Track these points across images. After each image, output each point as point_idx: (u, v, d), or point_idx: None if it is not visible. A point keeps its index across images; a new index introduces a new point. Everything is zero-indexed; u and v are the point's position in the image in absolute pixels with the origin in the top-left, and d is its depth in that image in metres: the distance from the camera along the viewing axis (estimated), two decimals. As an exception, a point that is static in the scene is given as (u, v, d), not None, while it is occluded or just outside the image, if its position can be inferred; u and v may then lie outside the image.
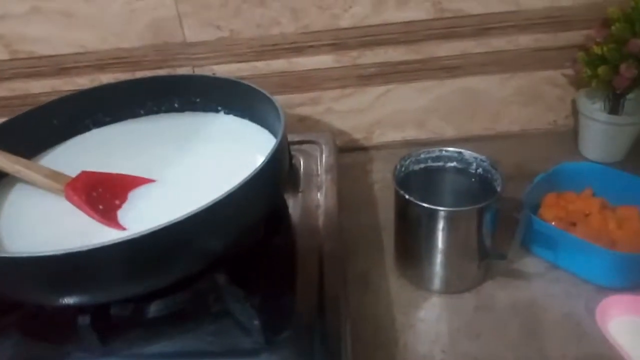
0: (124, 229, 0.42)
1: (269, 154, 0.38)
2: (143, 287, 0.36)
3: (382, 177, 0.74)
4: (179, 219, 0.33)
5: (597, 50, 0.65)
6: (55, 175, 0.46)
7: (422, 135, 0.80)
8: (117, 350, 0.38)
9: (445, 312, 0.54)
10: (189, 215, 0.33)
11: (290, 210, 0.51)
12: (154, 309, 0.40)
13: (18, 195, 0.48)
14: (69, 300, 0.34)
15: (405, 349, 0.50)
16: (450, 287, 0.55)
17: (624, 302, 0.50)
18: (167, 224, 0.33)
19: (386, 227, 0.64)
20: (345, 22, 0.70)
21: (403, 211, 0.54)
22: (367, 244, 0.63)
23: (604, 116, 0.69)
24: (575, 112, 0.75)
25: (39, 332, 0.40)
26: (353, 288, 0.56)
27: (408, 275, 0.57)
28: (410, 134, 0.80)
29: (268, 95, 0.47)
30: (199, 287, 0.40)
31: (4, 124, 0.51)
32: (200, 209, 0.34)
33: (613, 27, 0.63)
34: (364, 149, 0.81)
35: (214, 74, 0.73)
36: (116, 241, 0.32)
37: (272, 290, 0.39)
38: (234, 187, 0.36)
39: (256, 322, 0.36)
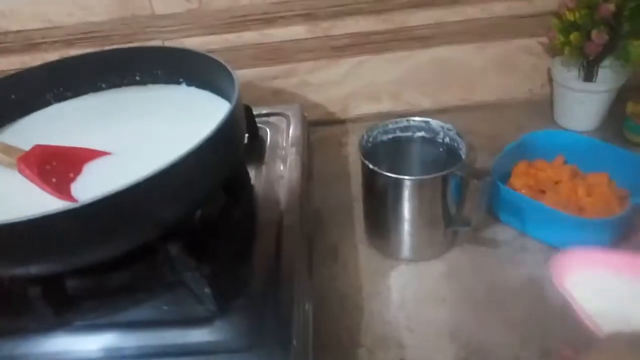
0: (76, 201, 0.42)
1: (220, 121, 0.38)
2: (94, 257, 0.36)
3: (356, 149, 0.74)
4: (125, 186, 0.33)
5: (569, 16, 0.64)
6: (7, 149, 0.45)
7: (397, 107, 0.79)
8: (71, 321, 0.38)
9: (412, 279, 0.54)
10: (135, 182, 0.33)
11: (253, 181, 0.51)
12: (108, 280, 0.41)
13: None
14: (18, 270, 0.34)
15: (370, 315, 0.51)
16: (418, 255, 0.56)
17: (580, 257, 0.51)
18: (112, 192, 0.33)
19: (358, 199, 0.64)
20: (315, -9, 0.69)
21: (370, 181, 0.54)
22: (338, 216, 0.63)
23: (578, 84, 0.68)
24: (550, 80, 0.74)
25: (-5, 306, 0.40)
26: (323, 260, 0.57)
27: (377, 244, 0.58)
28: (386, 106, 0.79)
29: (223, 63, 0.46)
30: (153, 258, 0.40)
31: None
32: (148, 176, 0.34)
33: (585, -8, 0.62)
34: (339, 121, 0.80)
35: (183, 46, 0.72)
36: (63, 209, 0.32)
37: (227, 260, 0.39)
38: (182, 154, 0.35)
39: (207, 290, 0.36)
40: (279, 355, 0.34)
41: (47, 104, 0.55)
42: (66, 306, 0.38)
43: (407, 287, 0.53)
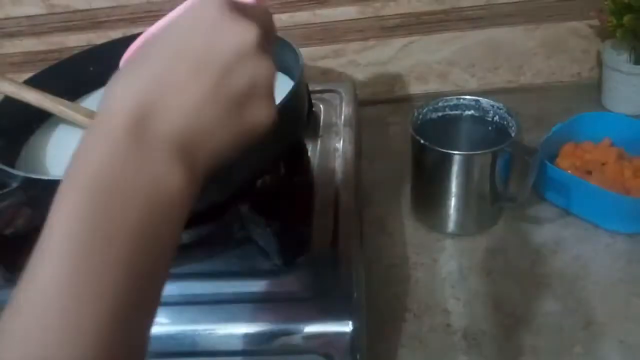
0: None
1: (287, 94, 0.41)
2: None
3: (402, 129, 0.76)
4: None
5: (624, -2, 0.64)
6: (92, 114, 0.50)
7: (444, 88, 0.80)
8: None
9: (457, 252, 0.56)
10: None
11: (310, 153, 0.54)
12: (184, 237, 0.44)
13: (61, 135, 0.53)
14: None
15: (416, 284, 0.53)
16: (463, 230, 0.58)
17: None
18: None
19: (404, 176, 0.66)
20: (368, -28, 0.70)
21: (419, 156, 0.57)
22: (384, 191, 0.65)
23: (628, 67, 0.68)
24: (599, 64, 0.74)
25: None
26: (369, 231, 0.59)
27: (423, 218, 0.60)
28: (433, 86, 0.81)
29: (289, 41, 0.49)
30: (223, 218, 0.43)
31: (47, 70, 0.55)
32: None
33: (641, -26, 0.62)
34: (386, 101, 0.82)
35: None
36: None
37: (291, 221, 0.43)
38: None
39: (275, 246, 0.39)
40: (342, 304, 0.37)
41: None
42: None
43: (452, 259, 0.56)
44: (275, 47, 0.29)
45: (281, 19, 0.75)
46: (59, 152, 0.50)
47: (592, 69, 0.77)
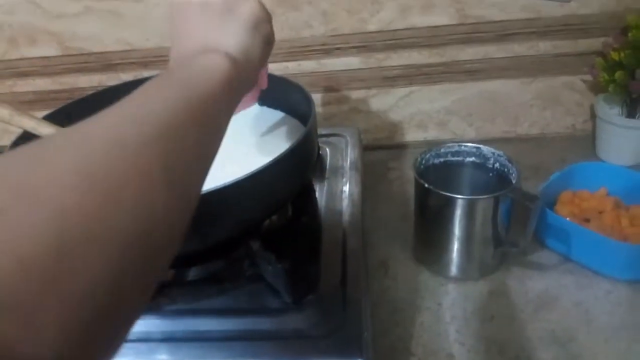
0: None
1: (300, 136, 0.43)
2: (188, 248, 0.40)
3: (403, 174, 0.78)
4: (219, 186, 0.37)
5: (614, 56, 0.68)
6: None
7: (443, 135, 0.83)
8: (162, 305, 0.42)
9: (461, 297, 0.57)
10: (228, 183, 0.38)
11: (317, 194, 0.55)
12: (194, 273, 0.45)
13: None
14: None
15: (422, 327, 0.53)
16: (466, 274, 0.58)
17: None
18: (210, 189, 0.37)
19: (405, 219, 0.67)
20: (372, 26, 0.74)
21: (422, 200, 0.58)
22: (387, 234, 0.66)
23: (621, 120, 0.71)
24: (593, 116, 0.77)
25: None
26: (373, 274, 0.60)
27: (426, 262, 0.61)
28: (432, 134, 0.83)
29: (303, 87, 0.52)
30: (235, 254, 0.44)
31: (57, 111, 0.57)
32: (237, 179, 0.38)
33: (630, 34, 0.66)
34: (387, 147, 0.85)
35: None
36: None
37: (300, 259, 0.43)
38: (268, 162, 0.40)
39: (284, 284, 0.40)
40: (352, 343, 0.37)
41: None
42: (157, 292, 0.42)
43: (456, 304, 0.56)
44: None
45: (288, 67, 0.78)
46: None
47: (585, 121, 0.81)
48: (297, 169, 0.44)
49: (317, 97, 0.81)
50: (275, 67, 0.78)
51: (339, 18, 0.74)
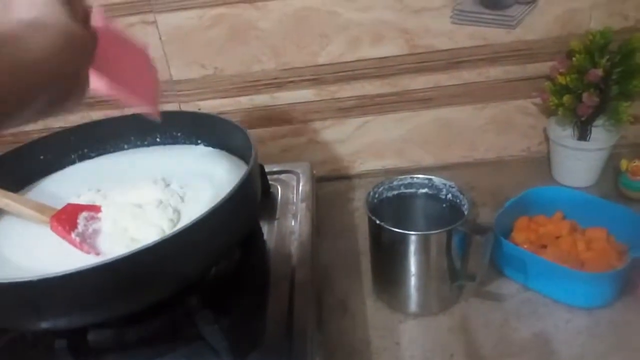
0: (102, 255, 0.44)
1: (237, 183, 0.41)
2: (117, 311, 0.38)
3: (362, 204, 0.77)
4: (148, 245, 0.35)
5: (561, 80, 0.69)
6: (41, 208, 0.48)
7: (401, 163, 0.82)
8: (93, 374, 0.39)
9: (420, 334, 0.55)
10: (159, 240, 0.36)
11: (266, 236, 0.53)
12: (129, 335, 0.42)
13: (4, 226, 0.51)
14: (45, 324, 0.36)
15: (379, 371, 0.51)
16: (425, 309, 0.57)
17: None
18: (138, 248, 0.35)
19: (365, 253, 0.66)
20: (322, 59, 0.74)
21: (376, 236, 0.57)
22: (346, 270, 0.64)
23: (573, 142, 0.72)
24: (547, 139, 0.78)
25: (20, 358, 0.42)
26: (332, 313, 0.58)
27: (384, 298, 0.59)
28: (390, 162, 0.83)
29: (240, 127, 0.50)
30: (173, 312, 0.42)
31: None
32: (170, 234, 0.36)
33: (574, 58, 0.67)
34: (346, 177, 0.84)
35: (199, 109, 0.77)
36: (93, 265, 0.35)
37: (243, 313, 0.41)
38: (204, 213, 0.38)
39: (224, 343, 0.37)
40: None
41: (71, 162, 0.59)
42: (88, 359, 0.40)
43: (415, 341, 0.54)
44: None
45: (240, 102, 0.77)
46: (1, 246, 0.48)
47: (540, 143, 0.81)
48: (237, 216, 0.43)
49: (273, 131, 0.80)
50: (227, 103, 0.77)
51: (289, 52, 0.73)
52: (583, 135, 0.72)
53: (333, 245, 0.68)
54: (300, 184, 0.63)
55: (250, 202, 0.46)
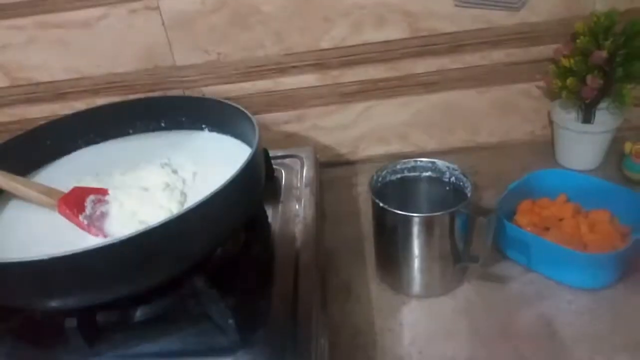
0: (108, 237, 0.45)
1: (241, 166, 0.41)
2: (125, 291, 0.39)
3: (366, 189, 0.77)
4: (154, 225, 0.36)
5: (565, 62, 0.68)
6: (49, 191, 0.49)
7: (405, 148, 0.83)
8: (103, 351, 0.40)
9: (423, 315, 0.56)
10: (165, 220, 0.36)
11: (270, 219, 0.53)
12: (138, 314, 0.43)
13: (11, 211, 0.51)
14: (55, 303, 0.37)
15: (382, 351, 0.52)
16: (428, 291, 0.58)
17: None
18: (144, 229, 0.36)
19: (369, 237, 0.66)
20: (325, 44, 0.73)
21: (380, 219, 0.57)
22: (350, 254, 0.65)
23: (577, 125, 0.72)
24: (551, 122, 0.78)
25: (32, 338, 0.43)
26: (336, 295, 0.59)
27: (388, 281, 0.60)
28: (394, 147, 0.83)
29: (245, 111, 0.50)
30: (180, 292, 0.42)
31: (2, 144, 0.55)
32: (176, 215, 0.37)
33: (578, 41, 0.66)
34: (349, 163, 0.84)
35: (203, 94, 0.77)
36: (100, 245, 0.35)
37: (249, 293, 0.42)
38: (209, 194, 0.39)
39: (230, 322, 0.38)
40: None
41: (78, 147, 0.60)
42: (98, 338, 0.41)
43: (418, 323, 0.55)
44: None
45: (243, 87, 0.77)
46: (9, 230, 0.49)
47: (544, 127, 0.81)
48: (242, 198, 0.43)
49: (276, 116, 0.80)
50: (231, 88, 0.77)
51: (292, 37, 0.73)
52: (587, 118, 0.71)
53: (337, 229, 0.69)
54: (304, 169, 0.64)
55: (254, 184, 0.46)
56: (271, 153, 0.62)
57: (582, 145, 0.73)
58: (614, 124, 0.70)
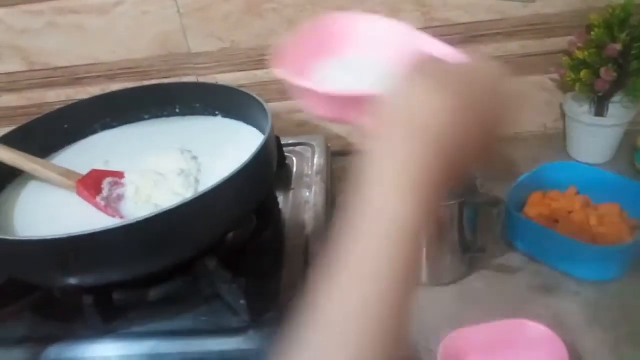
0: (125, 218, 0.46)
1: (253, 152, 0.42)
2: (140, 270, 0.40)
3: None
4: (170, 207, 0.37)
5: (579, 55, 0.68)
6: (68, 173, 0.50)
7: (416, 139, 0.83)
8: (117, 329, 0.41)
9: (431, 303, 0.56)
10: (178, 204, 0.37)
11: (281, 205, 0.54)
12: (152, 294, 0.44)
13: (31, 192, 0.53)
14: (73, 280, 0.38)
15: (390, 336, 0.53)
16: (436, 280, 0.58)
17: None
18: (159, 211, 0.37)
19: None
20: (339, 32, 0.73)
21: (390, 208, 0.58)
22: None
23: (590, 118, 0.72)
24: (563, 115, 0.77)
25: (50, 314, 0.45)
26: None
27: (396, 269, 0.60)
28: (405, 137, 0.83)
29: (258, 98, 0.51)
30: (193, 273, 0.43)
31: (22, 127, 0.56)
32: (190, 199, 0.38)
33: (593, 33, 0.66)
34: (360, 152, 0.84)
35: (216, 82, 0.78)
36: (118, 224, 0.37)
37: (259, 277, 0.43)
38: (221, 179, 0.40)
39: (242, 302, 0.39)
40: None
41: (94, 132, 0.61)
42: (113, 316, 0.42)
43: (425, 311, 0.56)
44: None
45: (257, 75, 0.78)
46: (28, 210, 0.50)
47: (556, 119, 0.81)
48: (253, 184, 0.44)
49: (288, 105, 0.80)
50: (243, 76, 0.78)
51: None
52: (600, 111, 0.71)
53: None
54: (316, 157, 0.64)
55: (266, 171, 0.47)
56: (283, 141, 0.63)
57: (594, 138, 0.73)
58: (627, 117, 0.70)
